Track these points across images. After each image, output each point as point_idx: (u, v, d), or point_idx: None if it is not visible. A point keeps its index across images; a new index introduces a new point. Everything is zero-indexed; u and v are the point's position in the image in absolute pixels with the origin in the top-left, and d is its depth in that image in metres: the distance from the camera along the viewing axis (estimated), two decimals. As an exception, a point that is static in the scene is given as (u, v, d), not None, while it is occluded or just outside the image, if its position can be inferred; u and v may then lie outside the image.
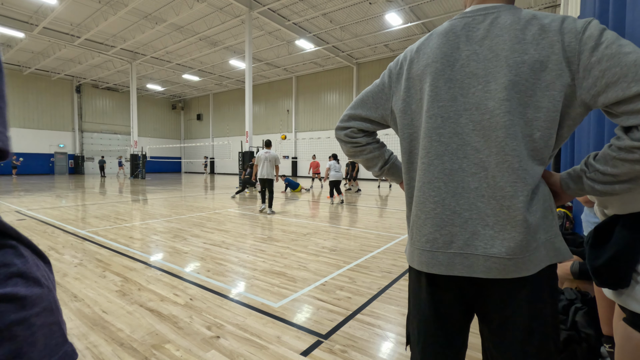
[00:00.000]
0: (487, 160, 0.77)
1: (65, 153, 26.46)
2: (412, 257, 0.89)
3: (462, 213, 0.79)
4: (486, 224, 0.77)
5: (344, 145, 1.07)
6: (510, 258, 0.74)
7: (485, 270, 0.77)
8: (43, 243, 4.42)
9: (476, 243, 0.78)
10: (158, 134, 32.83)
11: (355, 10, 14.74)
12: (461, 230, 0.79)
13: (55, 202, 8.95)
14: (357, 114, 1.02)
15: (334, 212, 7.55)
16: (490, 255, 0.76)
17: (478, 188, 0.78)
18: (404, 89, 0.92)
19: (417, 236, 0.86)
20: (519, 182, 0.74)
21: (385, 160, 1.07)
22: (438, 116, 0.82)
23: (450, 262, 0.80)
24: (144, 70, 23.82)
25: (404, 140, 0.92)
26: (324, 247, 4.35)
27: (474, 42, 0.80)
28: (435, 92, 0.83)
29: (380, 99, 0.98)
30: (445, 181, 0.81)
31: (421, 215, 0.85)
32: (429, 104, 0.84)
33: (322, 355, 1.90)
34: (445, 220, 0.81)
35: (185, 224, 5.99)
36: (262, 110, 27.35)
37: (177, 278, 3.14)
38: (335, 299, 2.69)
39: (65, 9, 14.54)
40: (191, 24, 16.35)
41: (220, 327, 2.21)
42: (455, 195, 0.80)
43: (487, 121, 0.76)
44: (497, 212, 0.75)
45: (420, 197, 0.85)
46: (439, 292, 0.87)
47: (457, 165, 0.80)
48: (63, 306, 2.49)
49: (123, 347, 1.96)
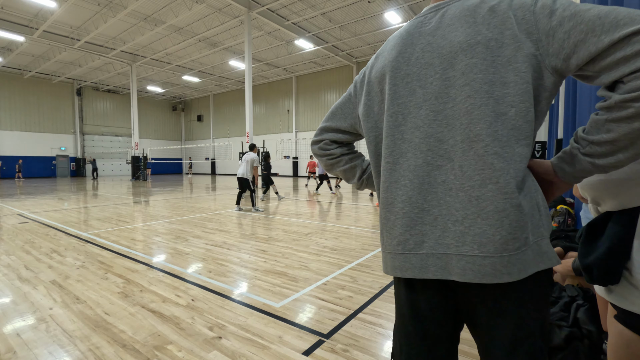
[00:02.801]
0: (451, 150, 0.72)
1: (67, 156, 26.55)
2: (386, 263, 0.84)
3: (431, 210, 0.74)
4: (456, 220, 0.71)
5: (319, 159, 1.07)
6: (484, 256, 0.68)
7: (460, 271, 0.71)
8: (45, 246, 4.44)
9: (447, 241, 0.72)
10: (159, 135, 32.90)
11: (354, 9, 14.72)
12: (432, 228, 0.74)
13: (57, 204, 8.99)
14: (329, 126, 1.03)
15: (334, 212, 7.55)
16: (462, 254, 0.70)
17: (445, 181, 0.73)
18: (364, 93, 0.92)
19: (387, 239, 0.82)
20: (486, 169, 0.68)
21: (363, 169, 1.05)
22: (398, 113, 0.80)
23: (424, 263, 0.75)
24: (144, 72, 23.85)
25: (370, 144, 0.90)
26: (325, 247, 4.35)
27: (426, 34, 0.79)
28: (393, 90, 0.82)
29: (348, 109, 1.00)
30: (411, 178, 0.77)
31: (390, 217, 0.81)
32: (389, 103, 0.82)
33: (324, 355, 1.90)
34: (414, 219, 0.76)
35: (186, 225, 6.00)
36: (263, 111, 27.35)
37: (179, 279, 3.15)
38: (337, 299, 2.69)
39: (65, 12, 14.57)
40: (190, 25, 16.36)
41: (222, 327, 2.22)
42: (422, 192, 0.75)
43: (450, 109, 0.73)
44: (466, 205, 0.70)
45: (388, 198, 0.81)
46: (417, 298, 0.80)
47: (421, 160, 0.76)
48: (65, 308, 2.50)
49: (125, 349, 1.96)
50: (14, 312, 2.45)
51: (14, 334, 2.14)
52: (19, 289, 2.90)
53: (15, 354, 1.92)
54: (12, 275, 3.25)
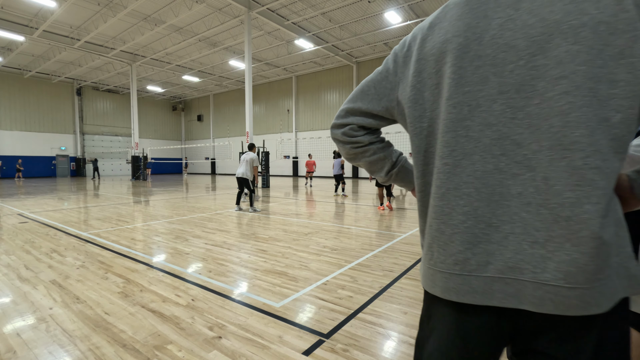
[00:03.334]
0: (533, 158, 0.59)
1: (67, 155, 26.55)
2: (434, 282, 0.71)
3: (501, 226, 0.62)
4: (534, 241, 0.59)
5: (342, 147, 0.91)
6: (571, 287, 0.57)
7: (536, 301, 0.60)
8: (45, 245, 4.44)
9: (521, 265, 0.61)
10: (159, 135, 32.90)
11: (354, 9, 14.72)
12: (500, 248, 0.62)
13: (57, 204, 8.99)
14: (357, 108, 0.86)
15: (334, 211, 7.55)
16: (542, 282, 0.59)
17: (522, 194, 0.61)
18: (413, 73, 0.75)
19: (440, 256, 0.69)
20: (584, 185, 0.55)
21: (392, 162, 0.90)
22: (464, 104, 0.65)
23: (488, 288, 0.64)
24: (144, 72, 23.86)
25: (416, 137, 0.75)
26: (325, 247, 4.35)
27: (505, 6, 0.63)
28: (458, 74, 0.66)
29: (384, 88, 0.82)
30: (477, 186, 0.64)
31: (445, 230, 0.68)
32: (452, 90, 0.67)
33: (324, 355, 1.90)
34: (478, 236, 0.64)
35: (186, 225, 6.00)
36: (263, 110, 27.36)
37: (179, 279, 3.15)
38: (337, 298, 2.69)
39: (65, 11, 14.57)
40: (190, 25, 16.37)
41: (222, 327, 2.22)
42: (491, 204, 0.63)
43: (536, 107, 0.59)
44: (550, 225, 0.58)
45: (444, 207, 0.68)
46: (469, 325, 0.68)
47: (491, 166, 0.63)
48: (65, 308, 2.50)
49: (125, 349, 1.96)
50: (14, 312, 2.45)
51: (14, 333, 2.15)
52: (19, 289, 2.90)
53: (15, 353, 1.92)
54: (12, 275, 3.25)
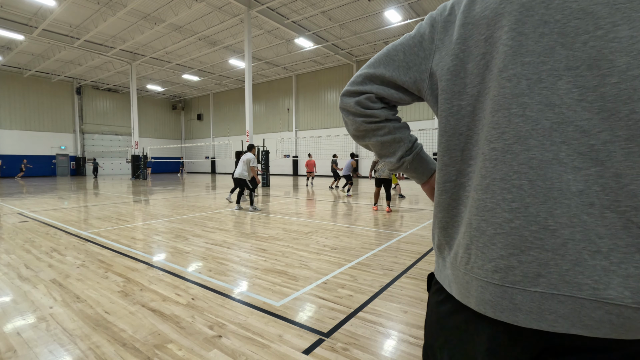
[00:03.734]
0: (602, 150, 0.49)
1: (67, 155, 26.55)
2: (468, 292, 0.59)
3: (559, 230, 0.51)
4: (596, 250, 0.49)
5: (352, 119, 0.76)
6: (637, 308, 0.47)
7: (591, 324, 0.50)
8: (45, 245, 4.44)
9: (580, 279, 0.50)
10: (159, 134, 32.90)
11: (354, 7, 14.70)
12: (556, 257, 0.51)
13: (57, 203, 8.99)
14: (379, 74, 0.71)
15: (334, 211, 7.55)
16: (603, 301, 0.49)
17: (584, 192, 0.50)
18: (457, 40, 0.63)
19: (478, 260, 0.57)
20: None
21: (408, 147, 0.77)
22: (522, 77, 0.54)
23: (536, 307, 0.52)
24: (143, 71, 23.84)
25: (452, 117, 0.63)
26: (325, 246, 4.35)
27: None
28: (518, 40, 0.55)
29: (416, 56, 0.69)
30: (531, 178, 0.52)
31: (486, 229, 0.56)
32: (508, 60, 0.55)
33: (324, 354, 1.90)
34: (528, 240, 0.52)
35: (186, 224, 6.00)
36: (263, 110, 27.35)
37: (179, 278, 3.15)
38: (337, 297, 2.69)
39: (65, 10, 14.55)
40: (190, 23, 16.34)
41: (222, 326, 2.22)
42: (547, 201, 0.51)
43: (612, 88, 0.49)
44: (618, 232, 0.48)
45: (487, 200, 0.56)
46: (501, 349, 0.57)
47: (551, 155, 0.52)
48: (66, 307, 2.51)
49: (125, 348, 1.97)
50: (14, 311, 2.45)
51: (15, 332, 2.15)
52: (19, 288, 2.90)
53: (16, 352, 1.93)
54: (12, 274, 3.26)
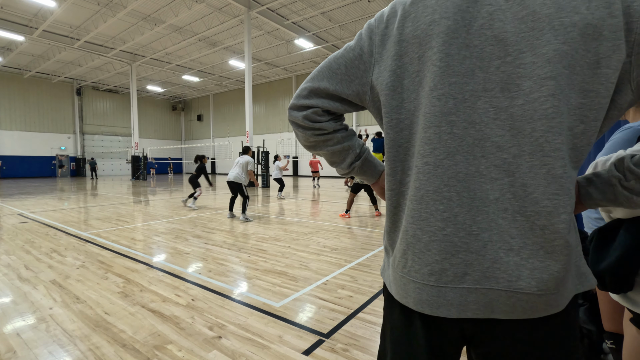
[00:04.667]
0: (513, 163, 0.56)
1: (67, 155, 26.54)
2: (406, 293, 0.66)
3: (480, 234, 0.58)
4: (510, 248, 0.57)
5: (302, 132, 0.79)
6: (541, 294, 0.56)
7: (507, 309, 0.58)
8: (45, 245, 4.44)
9: (497, 274, 0.58)
10: (159, 135, 32.89)
11: (354, 8, 14.71)
12: (479, 258, 0.59)
13: (57, 204, 8.99)
14: (323, 89, 0.74)
15: (334, 211, 7.55)
16: (515, 291, 0.57)
17: (499, 199, 0.57)
18: (393, 56, 0.66)
19: (414, 264, 0.64)
20: (562, 195, 0.54)
21: (356, 154, 0.81)
22: (449, 97, 0.59)
23: (463, 300, 0.60)
24: (143, 72, 23.84)
25: (392, 130, 0.67)
26: (325, 246, 4.35)
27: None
28: (445, 62, 0.59)
29: (357, 69, 0.72)
30: (459, 190, 0.59)
31: (422, 237, 0.62)
32: (437, 80, 0.59)
33: (323, 355, 1.90)
34: (457, 245, 0.59)
35: (186, 224, 6.00)
36: (262, 110, 27.35)
37: (179, 279, 3.15)
38: (337, 298, 2.69)
39: (65, 11, 14.56)
40: (190, 24, 16.35)
41: (222, 327, 2.22)
42: (471, 210, 0.58)
43: (519, 108, 0.55)
44: (526, 233, 0.56)
45: (422, 211, 0.62)
46: (437, 337, 0.66)
47: (473, 168, 0.58)
48: (65, 308, 2.50)
49: (125, 348, 1.96)
50: (14, 312, 2.45)
51: (14, 333, 2.15)
52: (19, 289, 2.90)
53: (15, 353, 1.92)
54: (12, 275, 3.25)
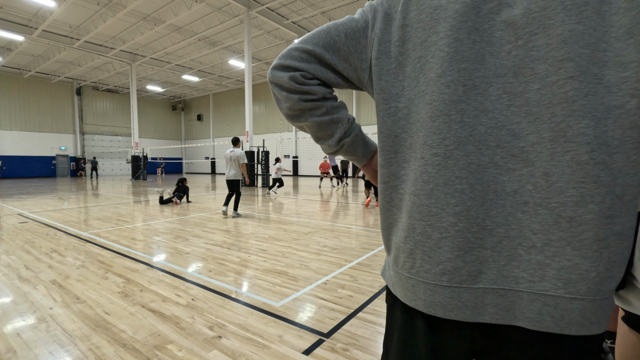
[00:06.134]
0: (531, 151, 0.52)
1: (67, 155, 26.55)
2: (415, 295, 0.60)
3: (495, 229, 0.54)
4: (531, 245, 0.52)
5: (285, 95, 0.67)
6: (572, 298, 0.50)
7: (534, 316, 0.52)
8: (45, 245, 4.44)
9: (516, 273, 0.53)
10: (159, 135, 32.90)
11: (353, 8, 14.70)
12: (494, 254, 0.54)
13: (57, 204, 8.99)
14: (319, 54, 0.65)
15: (334, 211, 7.56)
16: (539, 293, 0.51)
17: (518, 192, 0.53)
18: (395, 41, 0.62)
19: (423, 263, 0.58)
20: (588, 183, 0.49)
21: (345, 130, 0.72)
22: (459, 84, 0.55)
23: (479, 302, 0.55)
24: (143, 72, 23.84)
25: (389, 118, 0.63)
26: (325, 246, 4.35)
27: None
28: (454, 47, 0.55)
29: (358, 42, 0.65)
30: (471, 182, 0.54)
31: (432, 234, 0.57)
32: (446, 65, 0.55)
33: (324, 354, 1.90)
34: (470, 241, 0.55)
35: (186, 224, 6.00)
36: (262, 110, 27.35)
37: (179, 279, 3.15)
38: (337, 298, 2.69)
39: (64, 11, 14.55)
40: (190, 24, 16.35)
41: (222, 327, 2.22)
42: (485, 203, 0.54)
43: (535, 93, 0.51)
44: (550, 227, 0.51)
45: (432, 206, 0.57)
46: (444, 344, 0.60)
47: (487, 159, 0.54)
48: (66, 308, 2.50)
49: (125, 348, 1.96)
50: (14, 312, 2.45)
51: (14, 333, 2.15)
52: (19, 289, 2.90)
53: (16, 353, 1.92)
54: (12, 275, 3.25)
